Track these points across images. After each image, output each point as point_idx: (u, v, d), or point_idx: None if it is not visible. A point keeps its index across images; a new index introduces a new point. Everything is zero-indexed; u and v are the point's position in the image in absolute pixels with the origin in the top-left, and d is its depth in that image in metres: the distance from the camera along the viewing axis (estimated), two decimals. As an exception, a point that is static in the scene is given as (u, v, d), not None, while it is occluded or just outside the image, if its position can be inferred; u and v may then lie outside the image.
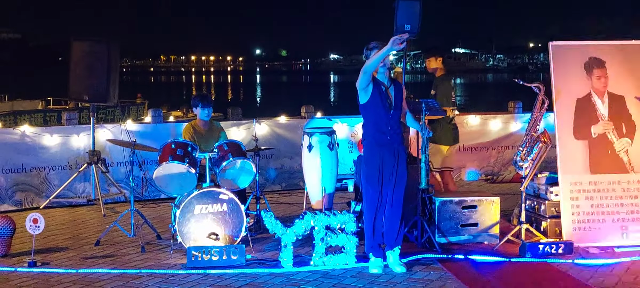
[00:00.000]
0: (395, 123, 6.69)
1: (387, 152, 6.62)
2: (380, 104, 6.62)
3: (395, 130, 6.68)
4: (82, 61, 9.81)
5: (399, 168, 6.66)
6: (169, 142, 7.63)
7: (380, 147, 6.64)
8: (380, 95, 6.63)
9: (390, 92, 6.67)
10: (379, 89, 6.64)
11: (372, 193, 6.66)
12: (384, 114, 6.62)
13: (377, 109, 6.64)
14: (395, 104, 6.66)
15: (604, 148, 7.55)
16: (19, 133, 9.73)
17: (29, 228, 7.07)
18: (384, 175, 6.62)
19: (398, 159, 6.65)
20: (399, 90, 6.74)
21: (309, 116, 11.34)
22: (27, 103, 27.28)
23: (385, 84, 6.67)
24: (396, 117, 6.69)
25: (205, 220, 7.17)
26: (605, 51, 7.72)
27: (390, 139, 6.63)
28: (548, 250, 7.04)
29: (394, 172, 6.63)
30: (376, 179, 6.64)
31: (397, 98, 6.69)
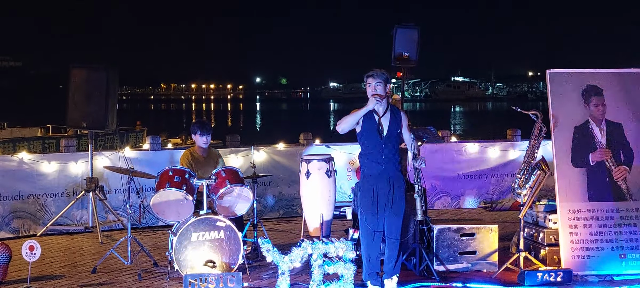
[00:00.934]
0: (390, 152, 6.65)
1: (381, 181, 6.60)
2: (372, 133, 6.62)
3: (389, 159, 6.64)
4: (81, 88, 9.83)
5: (394, 197, 6.63)
6: (166, 169, 7.61)
7: (374, 175, 6.63)
8: (371, 125, 6.62)
9: (384, 121, 6.65)
10: (370, 118, 6.63)
11: (368, 221, 6.64)
12: (376, 143, 6.62)
13: (369, 138, 6.65)
14: (388, 132, 6.63)
15: (602, 176, 7.54)
16: (17, 160, 9.72)
17: (25, 256, 7.04)
18: (379, 203, 6.61)
19: (393, 188, 6.62)
20: (396, 118, 6.71)
21: (308, 143, 11.34)
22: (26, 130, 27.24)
23: (378, 113, 6.65)
24: (390, 145, 6.65)
25: (202, 247, 7.14)
26: (603, 79, 7.74)
27: (385, 168, 6.61)
28: (547, 278, 7.01)
29: (389, 201, 6.61)
30: (371, 207, 6.63)
31: (393, 126, 6.66)
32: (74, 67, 9.99)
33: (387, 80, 6.69)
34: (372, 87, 6.65)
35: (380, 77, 6.66)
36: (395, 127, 6.67)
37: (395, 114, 6.74)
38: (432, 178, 11.24)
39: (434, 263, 7.45)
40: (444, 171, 11.55)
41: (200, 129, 8.27)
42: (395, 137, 6.68)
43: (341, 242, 6.84)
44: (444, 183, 11.58)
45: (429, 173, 10.90)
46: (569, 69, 7.85)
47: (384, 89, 6.66)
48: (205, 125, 8.44)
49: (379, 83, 6.63)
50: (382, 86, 6.64)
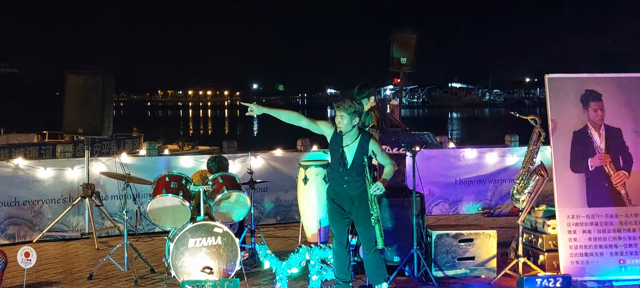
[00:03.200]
0: (354, 176, 6.50)
1: (343, 198, 6.57)
2: (336, 157, 6.56)
3: (352, 182, 6.52)
4: (77, 94, 9.79)
5: (356, 212, 6.55)
6: (163, 175, 7.58)
7: (336, 192, 6.60)
8: (335, 151, 6.55)
9: (348, 152, 6.49)
10: (336, 144, 6.54)
11: (335, 230, 6.64)
12: (338, 168, 6.55)
13: (333, 160, 6.63)
14: (353, 163, 6.49)
15: (601, 182, 7.51)
16: (13, 166, 9.67)
17: (21, 262, 6.99)
18: (342, 215, 6.56)
19: (355, 205, 6.54)
20: (363, 148, 6.49)
21: (305, 149, 11.31)
22: (22, 136, 27.18)
23: (343, 144, 6.51)
24: (353, 172, 6.50)
25: (200, 253, 7.10)
26: (602, 84, 7.72)
27: (347, 188, 6.54)
28: (546, 284, 6.97)
29: (353, 214, 6.56)
30: (335, 218, 6.61)
31: (358, 156, 6.47)
32: (70, 72, 9.96)
33: (355, 114, 6.44)
34: (337, 117, 6.47)
35: (346, 110, 6.42)
36: (361, 156, 6.48)
37: (363, 145, 6.51)
38: (430, 184, 11.21)
39: (433, 269, 7.42)
40: (442, 177, 11.52)
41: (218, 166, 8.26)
42: (359, 165, 6.49)
43: (339, 247, 6.80)
44: (442, 189, 11.55)
45: (427, 179, 10.87)
46: (567, 73, 7.83)
47: (349, 122, 6.42)
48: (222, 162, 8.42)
49: (343, 116, 6.42)
50: (346, 120, 6.41)
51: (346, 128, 6.43)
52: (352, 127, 6.45)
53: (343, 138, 6.49)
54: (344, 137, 6.48)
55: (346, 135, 6.48)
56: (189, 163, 10.42)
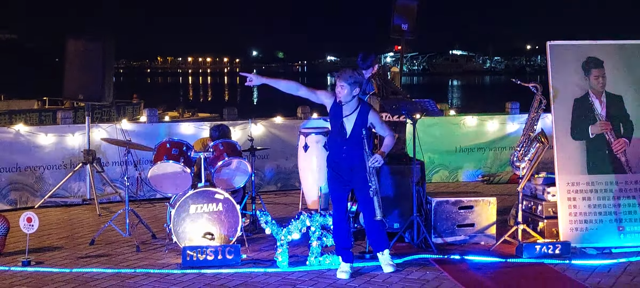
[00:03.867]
0: (353, 145, 6.47)
1: (341, 166, 6.55)
2: (336, 127, 6.54)
3: (351, 151, 6.49)
4: (77, 60, 9.78)
5: (354, 181, 6.55)
6: (164, 141, 7.59)
7: (335, 161, 6.58)
8: (335, 121, 6.53)
9: (347, 122, 6.46)
10: (335, 114, 6.51)
11: (334, 198, 6.65)
12: (338, 138, 6.53)
13: (333, 130, 6.60)
14: (352, 133, 6.46)
15: (602, 149, 7.51)
16: (14, 132, 9.68)
17: (23, 227, 7.02)
18: (342, 183, 6.57)
19: (355, 174, 6.52)
20: (362, 119, 6.46)
21: (305, 116, 11.31)
22: (23, 102, 27.17)
23: (343, 115, 6.47)
24: (353, 143, 6.47)
25: (201, 219, 7.13)
26: (603, 51, 7.69)
27: (346, 157, 6.52)
28: (545, 250, 7.01)
29: (353, 182, 6.57)
30: (332, 185, 6.62)
31: (357, 127, 6.43)
32: (70, 37, 9.93)
33: (356, 84, 6.39)
34: (337, 87, 6.43)
35: (346, 80, 6.37)
36: (360, 127, 6.44)
37: (363, 115, 6.48)
38: (430, 152, 11.22)
39: (432, 235, 7.45)
40: (442, 144, 11.53)
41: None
42: (358, 135, 6.45)
43: (340, 214, 6.83)
44: (442, 157, 11.57)
45: (427, 147, 10.88)
46: (569, 40, 7.80)
47: (349, 93, 6.38)
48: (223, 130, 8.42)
49: (343, 86, 6.37)
50: (347, 90, 6.37)
51: (346, 98, 6.41)
52: (352, 97, 6.43)
53: (343, 108, 6.47)
54: (343, 107, 6.46)
55: (346, 106, 6.46)
56: (190, 130, 10.44)
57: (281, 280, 6.35)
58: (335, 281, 6.33)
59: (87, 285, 6.26)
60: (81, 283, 6.31)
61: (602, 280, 6.32)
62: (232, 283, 6.26)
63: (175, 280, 6.36)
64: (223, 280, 6.35)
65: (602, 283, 6.24)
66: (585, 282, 6.30)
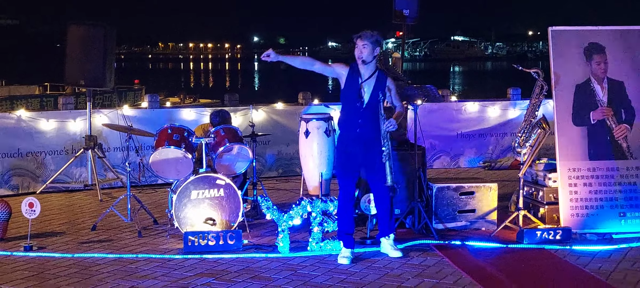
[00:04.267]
0: (368, 117, 6.47)
1: (356, 144, 6.51)
2: (352, 97, 6.50)
3: (367, 126, 6.47)
4: (79, 45, 9.78)
5: (370, 160, 6.52)
6: (165, 127, 7.59)
7: (349, 138, 6.55)
8: (353, 88, 6.50)
9: (366, 86, 6.47)
10: (352, 81, 6.52)
11: (341, 182, 6.63)
12: (355, 107, 6.50)
13: (349, 100, 6.55)
14: (370, 99, 6.46)
15: (603, 135, 7.51)
16: (15, 117, 9.69)
17: (25, 213, 7.04)
18: (353, 165, 6.56)
19: (368, 152, 6.50)
20: (380, 84, 6.49)
21: (306, 103, 11.31)
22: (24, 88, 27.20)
23: (363, 77, 6.51)
24: (369, 111, 6.47)
25: (202, 205, 7.14)
26: (605, 36, 7.67)
27: (360, 132, 6.49)
28: (546, 236, 7.03)
29: (366, 164, 6.56)
30: (343, 168, 6.61)
31: (375, 93, 6.45)
32: (71, 24, 9.93)
33: (377, 43, 6.46)
34: (358, 48, 6.45)
35: (368, 38, 6.42)
36: (378, 93, 6.45)
37: (381, 80, 6.52)
38: (431, 138, 11.22)
39: (433, 221, 7.47)
40: (444, 130, 11.53)
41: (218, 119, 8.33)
42: (376, 103, 6.45)
43: (341, 200, 6.84)
44: (444, 143, 11.57)
45: (429, 133, 10.88)
46: (571, 26, 7.78)
47: (371, 52, 6.43)
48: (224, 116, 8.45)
49: (366, 45, 6.41)
50: (369, 48, 6.41)
51: (368, 57, 6.44)
52: (373, 57, 6.49)
53: (362, 72, 6.49)
54: (363, 71, 6.48)
55: (365, 69, 6.48)
56: (191, 116, 10.44)
57: (282, 265, 6.37)
58: (336, 266, 6.34)
59: (89, 270, 6.28)
60: (83, 268, 6.34)
61: (603, 266, 6.34)
62: (234, 269, 6.28)
63: (177, 265, 6.39)
64: (224, 266, 6.37)
65: (602, 269, 6.25)
66: (585, 267, 6.32)
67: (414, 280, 5.97)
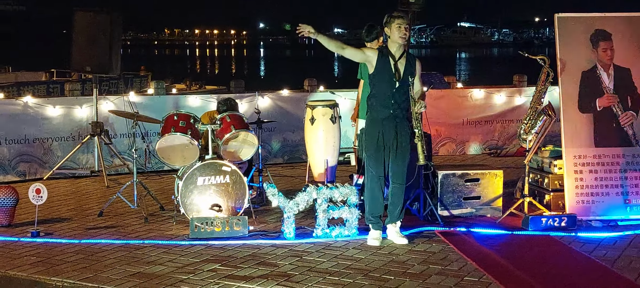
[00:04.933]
0: (401, 97, 6.56)
1: (387, 126, 6.55)
2: (386, 76, 6.55)
3: (399, 105, 6.56)
4: (85, 32, 9.80)
5: (398, 143, 6.58)
6: (171, 114, 7.61)
7: (381, 120, 6.58)
8: (386, 68, 6.56)
9: (399, 65, 6.55)
10: (385, 61, 6.57)
11: (371, 165, 6.63)
12: (388, 87, 6.55)
13: (381, 81, 6.58)
14: (403, 78, 6.54)
15: (609, 122, 7.51)
16: (22, 104, 9.72)
17: (32, 199, 7.08)
18: (384, 148, 6.58)
19: (398, 134, 6.58)
20: (411, 64, 6.59)
21: (312, 89, 11.32)
22: (30, 74, 27.25)
23: (394, 57, 6.59)
24: (402, 91, 6.56)
25: (208, 191, 7.17)
26: (612, 23, 7.65)
27: (393, 113, 6.55)
28: (551, 223, 7.03)
29: (394, 146, 6.58)
30: (375, 152, 6.61)
31: (407, 72, 6.54)
32: (77, 10, 9.94)
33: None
34: (401, 29, 6.50)
35: (405, 18, 6.56)
36: (409, 72, 6.54)
37: (411, 60, 6.62)
38: (437, 125, 11.23)
39: (438, 208, 7.48)
40: (449, 117, 11.53)
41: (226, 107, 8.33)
42: (407, 83, 6.54)
43: (346, 187, 6.87)
44: (449, 130, 11.57)
45: (434, 120, 10.89)
46: (577, 13, 7.76)
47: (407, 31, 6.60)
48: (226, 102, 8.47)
49: (407, 27, 6.55)
50: (409, 29, 6.56)
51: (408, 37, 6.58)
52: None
53: (394, 53, 6.56)
54: (394, 52, 6.56)
55: (396, 50, 6.56)
56: (197, 102, 10.46)
57: (288, 252, 6.40)
58: (342, 252, 6.37)
59: (96, 255, 6.32)
60: (90, 254, 6.37)
61: (608, 253, 6.35)
62: (240, 255, 6.31)
63: (183, 251, 6.42)
64: (230, 252, 6.40)
65: (607, 256, 6.26)
66: (591, 254, 6.33)
67: (419, 266, 5.99)
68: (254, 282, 5.62)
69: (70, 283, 5.69)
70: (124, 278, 5.73)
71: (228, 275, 5.80)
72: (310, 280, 5.67)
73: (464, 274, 5.80)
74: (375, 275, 5.77)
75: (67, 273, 5.87)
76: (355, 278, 5.71)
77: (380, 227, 6.69)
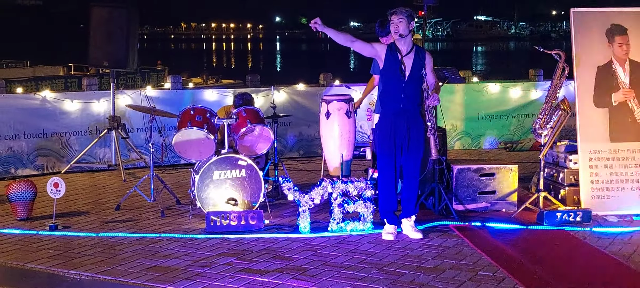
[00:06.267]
0: (411, 92, 6.59)
1: (399, 121, 6.58)
2: (394, 72, 6.56)
3: (410, 100, 6.59)
4: (102, 27, 9.86)
5: (411, 137, 6.60)
6: (187, 108, 7.66)
7: (392, 115, 6.60)
8: (394, 63, 6.57)
9: (407, 60, 6.58)
10: (393, 57, 6.59)
11: (385, 160, 6.66)
12: (397, 82, 6.57)
13: (390, 77, 6.60)
14: (411, 73, 6.56)
15: (625, 117, 7.48)
16: (40, 98, 9.81)
17: (50, 193, 7.16)
18: (396, 143, 6.61)
19: (410, 129, 6.60)
20: (420, 58, 6.61)
21: (328, 84, 11.33)
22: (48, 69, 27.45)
23: (402, 52, 6.61)
24: (412, 85, 6.58)
25: (224, 185, 7.21)
26: (628, 18, 7.62)
27: (404, 107, 6.57)
28: (566, 218, 7.03)
29: (407, 141, 6.60)
30: (387, 146, 6.63)
31: (416, 66, 6.57)
32: (94, 5, 10.02)
33: (411, 17, 6.58)
34: (394, 24, 6.53)
35: (403, 13, 6.52)
36: (419, 67, 6.58)
37: (420, 54, 6.63)
38: (452, 119, 11.22)
39: (453, 202, 7.49)
40: (465, 111, 11.51)
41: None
42: (417, 78, 6.57)
43: (361, 181, 6.90)
44: (465, 124, 11.56)
45: (450, 114, 10.88)
46: (593, 7, 7.73)
47: (406, 26, 6.54)
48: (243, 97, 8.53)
49: (401, 20, 6.50)
50: (405, 22, 6.51)
51: (404, 31, 6.52)
52: (409, 31, 6.57)
53: (400, 48, 6.56)
54: (401, 46, 6.56)
55: (403, 43, 6.56)
56: (213, 96, 10.51)
57: (303, 246, 6.44)
58: (357, 246, 6.40)
59: (113, 249, 6.39)
60: (107, 247, 6.44)
61: (623, 248, 6.34)
62: (255, 248, 6.35)
63: (199, 245, 6.47)
64: (246, 245, 6.45)
65: (623, 251, 6.26)
66: (606, 249, 6.32)
67: (434, 261, 6.02)
68: (269, 276, 5.67)
69: (88, 276, 5.76)
70: (140, 271, 5.79)
71: (243, 268, 5.85)
72: (325, 274, 5.71)
73: (478, 268, 5.82)
74: (389, 269, 5.80)
75: (84, 266, 5.94)
76: (369, 272, 5.74)
77: (395, 221, 6.72)
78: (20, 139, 9.61)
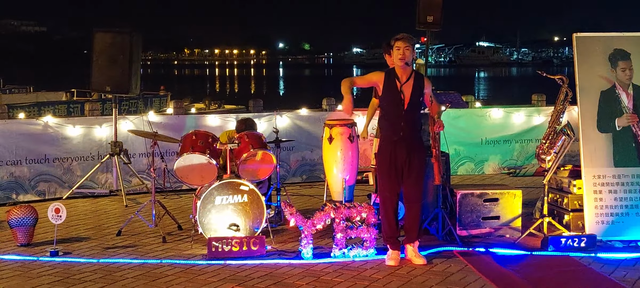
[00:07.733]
0: (410, 119, 6.55)
1: (399, 148, 6.54)
2: (393, 100, 6.54)
3: (409, 127, 6.54)
4: (105, 52, 9.88)
5: (411, 164, 6.56)
6: (190, 133, 7.65)
7: (393, 142, 6.58)
8: (393, 92, 6.55)
9: (406, 89, 6.52)
10: (392, 85, 6.56)
11: (386, 186, 6.62)
12: (397, 110, 6.54)
13: (389, 104, 6.58)
14: (410, 101, 6.53)
15: (629, 141, 7.45)
16: (42, 124, 9.81)
17: (51, 218, 7.13)
18: (396, 169, 6.57)
19: (411, 156, 6.55)
20: (419, 85, 6.58)
21: (330, 108, 11.34)
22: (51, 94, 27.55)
23: (400, 80, 6.57)
24: (411, 113, 6.54)
25: (226, 211, 7.18)
26: (630, 43, 7.62)
27: (403, 135, 6.53)
28: (570, 243, 6.98)
29: (407, 167, 6.56)
30: (388, 172, 6.60)
31: (415, 94, 6.53)
32: (97, 31, 10.04)
33: (414, 45, 6.59)
34: (401, 50, 6.49)
35: (410, 41, 6.51)
36: (418, 94, 6.56)
37: (419, 81, 6.61)
38: (455, 144, 11.20)
39: (457, 228, 7.44)
40: (468, 137, 11.49)
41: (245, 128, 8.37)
42: (417, 104, 6.56)
43: (364, 206, 6.86)
44: (468, 149, 11.54)
45: (453, 139, 10.86)
46: (596, 32, 7.74)
47: (412, 53, 6.54)
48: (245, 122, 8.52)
49: (408, 47, 6.48)
50: (410, 50, 6.50)
51: (409, 59, 6.52)
52: (412, 59, 6.58)
53: (400, 75, 6.54)
54: (401, 74, 6.54)
55: (403, 71, 6.53)
56: (216, 122, 10.51)
57: (306, 272, 6.39)
58: (360, 273, 6.35)
59: (114, 275, 6.34)
60: (108, 273, 6.40)
61: (627, 274, 6.28)
62: (257, 275, 6.30)
63: (201, 271, 6.43)
64: (248, 271, 6.40)
65: (627, 277, 6.20)
66: (610, 275, 6.27)
67: (438, 287, 5.96)
68: (271, 302, 5.61)
69: (89, 302, 5.71)
70: (141, 297, 5.74)
71: (245, 294, 5.79)
72: (327, 300, 5.65)
73: (482, 295, 5.77)
74: (392, 296, 5.74)
75: (85, 292, 5.90)
76: (372, 298, 5.68)
77: (398, 246, 6.67)
78: (22, 164, 9.59)
